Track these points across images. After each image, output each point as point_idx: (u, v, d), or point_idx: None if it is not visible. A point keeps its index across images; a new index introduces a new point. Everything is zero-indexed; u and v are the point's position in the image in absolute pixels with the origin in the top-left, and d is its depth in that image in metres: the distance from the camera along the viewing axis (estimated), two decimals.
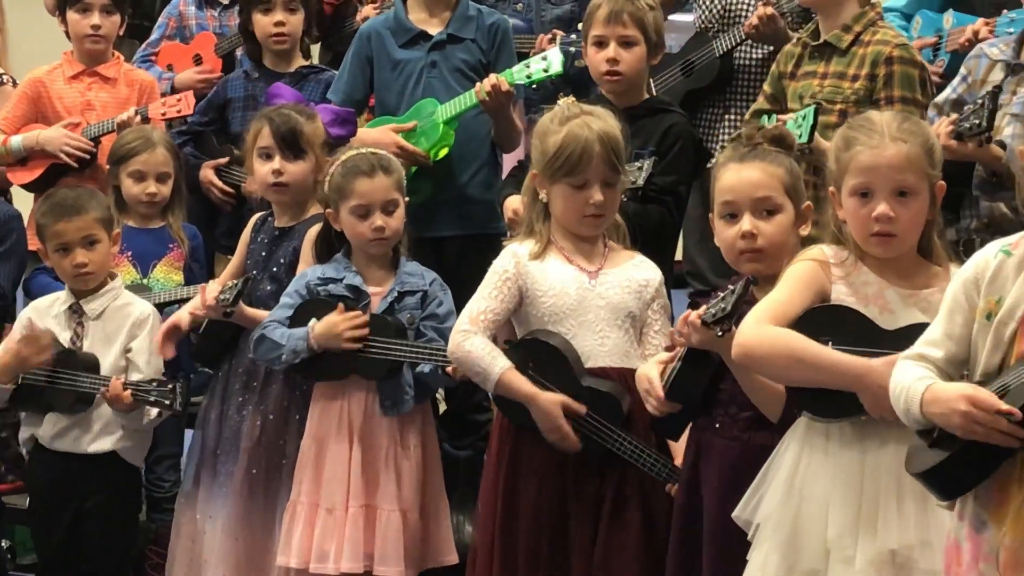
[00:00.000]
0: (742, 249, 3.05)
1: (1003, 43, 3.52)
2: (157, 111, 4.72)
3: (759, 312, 2.81)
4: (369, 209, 3.69)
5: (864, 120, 2.88)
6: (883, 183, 2.77)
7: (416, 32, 4.40)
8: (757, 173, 3.07)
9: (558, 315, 3.35)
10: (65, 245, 3.97)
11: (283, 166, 3.95)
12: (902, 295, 2.80)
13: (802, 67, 3.89)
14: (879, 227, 2.77)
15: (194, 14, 5.30)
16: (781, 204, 3.06)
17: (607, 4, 3.92)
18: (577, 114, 3.38)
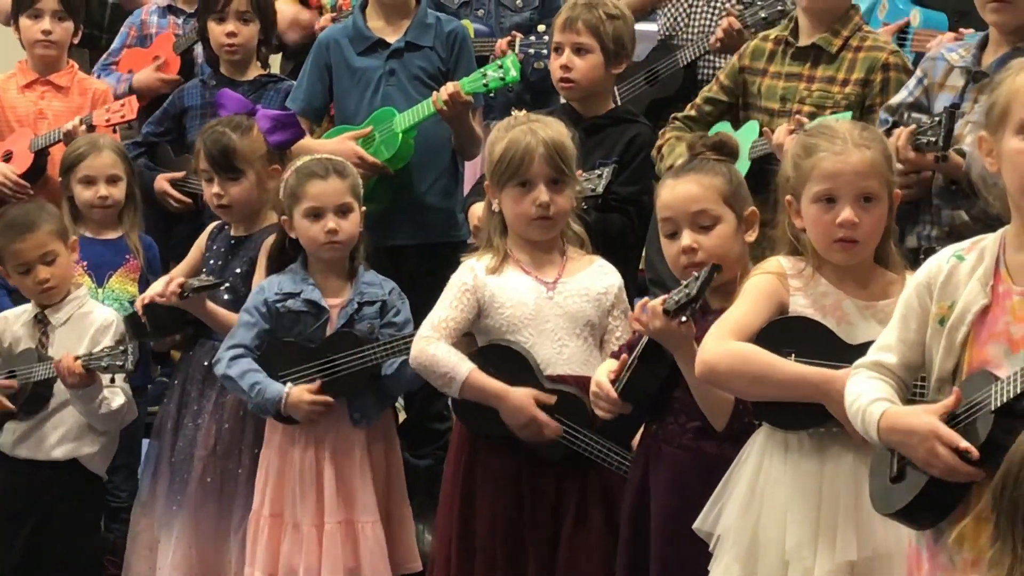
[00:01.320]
0: (685, 264, 3.12)
1: (963, 48, 3.55)
2: (101, 118, 4.74)
3: (720, 328, 2.86)
4: (322, 211, 3.74)
5: (824, 128, 2.94)
6: (848, 189, 2.82)
7: (374, 40, 4.45)
8: (692, 187, 3.13)
9: (516, 325, 3.42)
10: (25, 264, 4.02)
11: (222, 188, 4.01)
12: (859, 306, 2.85)
13: (777, 65, 3.90)
14: (843, 233, 2.81)
15: (156, 23, 5.33)
16: (719, 215, 3.12)
17: (565, 11, 4.02)
18: (524, 122, 3.47)
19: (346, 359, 3.68)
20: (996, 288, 2.45)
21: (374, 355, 3.68)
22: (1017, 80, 2.44)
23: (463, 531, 3.42)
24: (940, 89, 3.53)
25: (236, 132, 4.03)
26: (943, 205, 3.42)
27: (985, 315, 2.45)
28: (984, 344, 2.44)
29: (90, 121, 4.72)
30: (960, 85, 3.48)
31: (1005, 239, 2.48)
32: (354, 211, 3.78)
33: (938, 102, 3.51)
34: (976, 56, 3.48)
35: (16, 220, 4.05)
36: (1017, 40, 3.41)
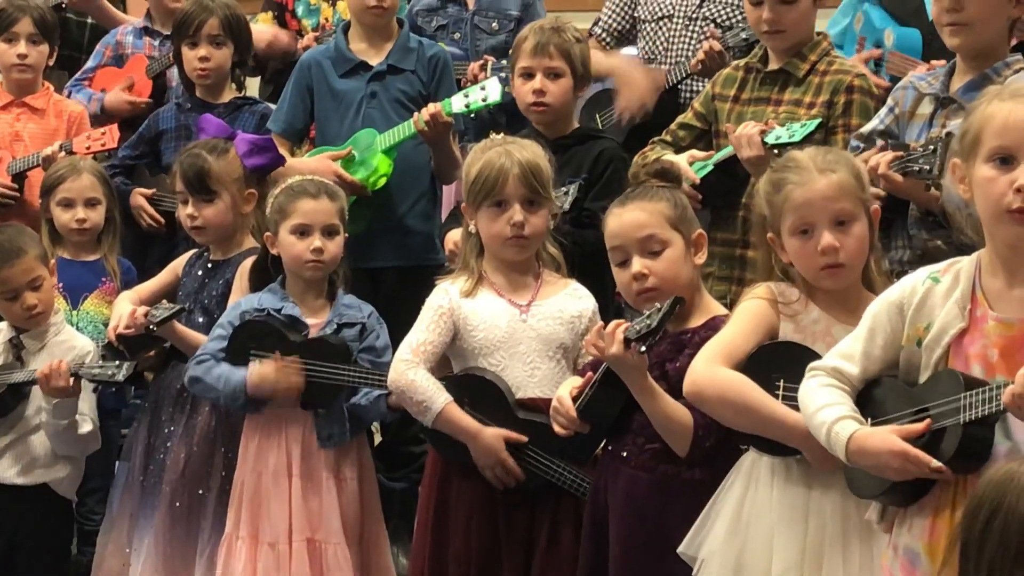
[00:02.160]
0: (637, 291, 3.18)
1: (932, 76, 3.60)
2: (82, 145, 4.76)
3: (710, 351, 2.90)
4: (309, 229, 3.79)
5: (787, 160, 3.00)
6: (821, 215, 2.87)
7: (356, 62, 4.50)
8: (638, 214, 3.20)
9: (488, 348, 3.47)
10: (13, 291, 4.04)
11: (196, 210, 4.06)
12: (850, 330, 2.85)
13: (748, 92, 3.96)
14: (826, 259, 2.86)
15: (132, 43, 5.34)
16: (667, 239, 3.19)
17: (533, 36, 4.07)
18: (500, 143, 3.53)
19: (321, 368, 3.71)
20: (973, 312, 2.50)
21: (349, 377, 3.71)
22: (988, 108, 2.50)
23: (437, 555, 3.47)
24: (911, 117, 3.57)
25: (212, 154, 4.08)
26: (917, 234, 3.47)
27: (962, 337, 2.51)
28: (962, 365, 2.49)
29: (70, 147, 4.75)
30: (929, 112, 3.52)
31: (980, 263, 2.53)
32: (339, 234, 3.83)
33: (909, 130, 3.56)
34: (944, 83, 3.52)
35: (2, 246, 4.06)
36: (982, 65, 3.46)
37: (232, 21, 4.73)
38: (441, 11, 5.00)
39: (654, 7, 4.78)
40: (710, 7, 4.67)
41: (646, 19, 4.80)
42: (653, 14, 4.77)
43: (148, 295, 4.18)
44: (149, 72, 5.18)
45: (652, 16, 4.77)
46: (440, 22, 4.98)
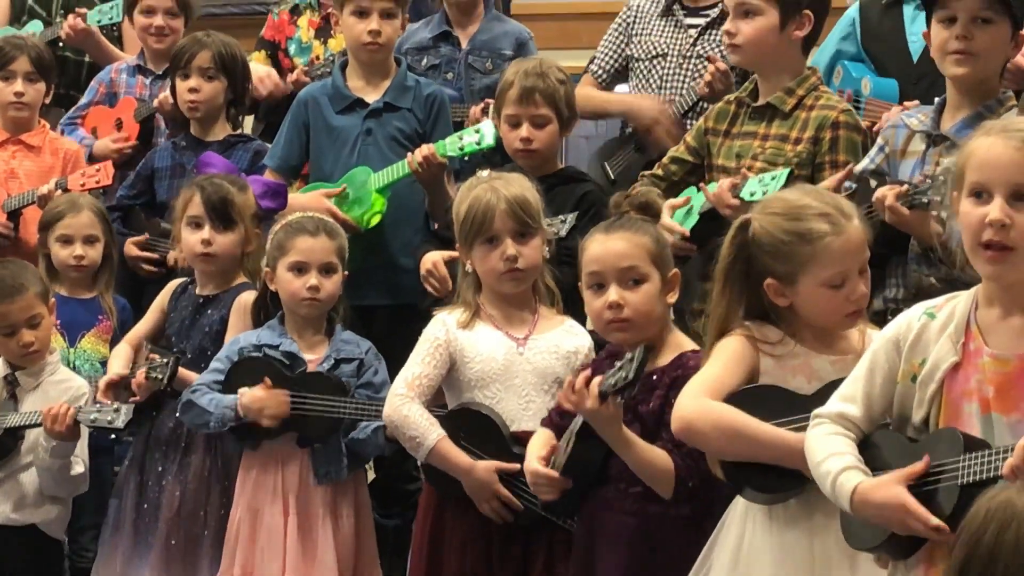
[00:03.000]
0: (609, 319, 3.20)
1: (922, 113, 3.64)
2: (76, 182, 4.80)
3: (694, 387, 2.91)
4: (307, 266, 3.83)
5: (803, 207, 2.93)
6: (854, 265, 2.90)
7: (353, 99, 4.54)
8: (622, 243, 3.22)
9: (484, 380, 3.51)
10: (11, 327, 4.07)
11: (212, 236, 4.08)
12: (831, 362, 2.91)
13: (738, 126, 3.99)
14: (856, 306, 2.90)
15: (125, 81, 5.37)
16: (647, 273, 3.22)
17: (518, 83, 4.11)
18: (486, 180, 3.58)
19: (317, 402, 3.75)
20: (967, 346, 2.53)
21: (345, 410, 3.74)
22: (973, 143, 2.55)
23: None
24: (903, 156, 3.61)
25: (234, 187, 4.14)
26: (918, 269, 3.49)
27: (956, 372, 2.52)
28: (957, 401, 2.52)
29: (65, 185, 4.79)
30: (921, 150, 3.56)
31: (977, 297, 2.57)
32: (337, 272, 3.88)
33: (901, 168, 3.59)
34: (935, 120, 3.56)
35: (3, 281, 4.09)
36: (974, 101, 3.51)
37: (226, 57, 4.75)
38: (433, 50, 5.02)
39: (648, 46, 4.82)
40: (704, 45, 4.71)
41: (639, 57, 4.83)
42: (647, 52, 4.81)
43: (144, 337, 4.23)
44: (136, 116, 5.22)
45: (646, 55, 4.81)
46: (432, 61, 5.00)
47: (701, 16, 4.77)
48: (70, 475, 4.01)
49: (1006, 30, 3.49)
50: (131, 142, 5.18)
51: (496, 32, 5.02)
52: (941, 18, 3.51)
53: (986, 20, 3.47)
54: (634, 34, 4.87)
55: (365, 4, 4.44)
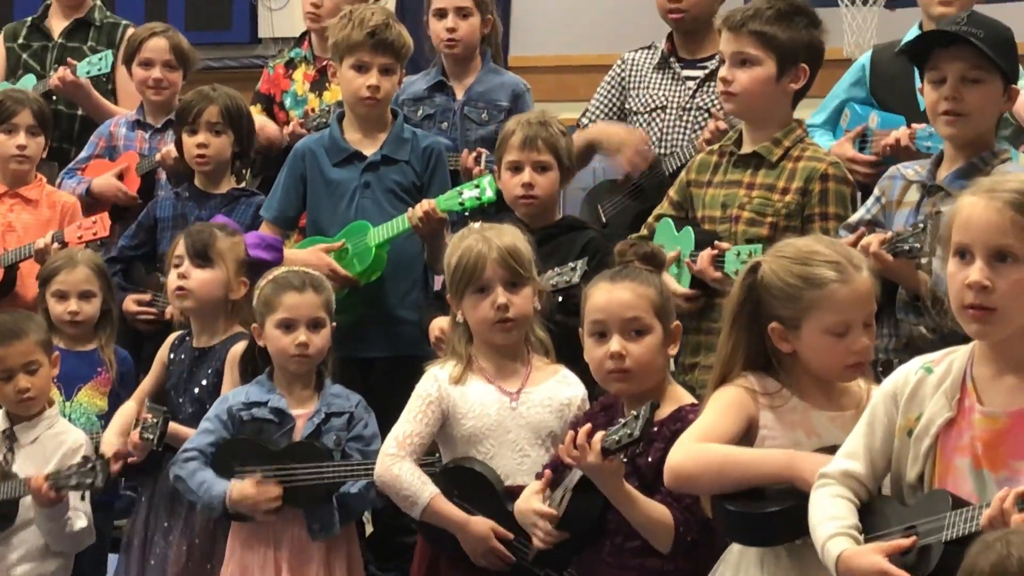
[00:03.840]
0: (610, 369, 3.21)
1: (918, 164, 3.67)
2: (73, 235, 4.83)
3: (686, 437, 2.93)
4: (294, 323, 3.85)
5: (812, 254, 2.95)
6: (859, 315, 2.91)
7: (351, 152, 4.56)
8: (627, 294, 3.24)
9: (478, 436, 3.53)
10: (8, 371, 4.09)
11: (188, 271, 4.13)
12: (829, 417, 2.92)
13: (721, 175, 4.00)
14: (858, 359, 2.91)
15: (124, 135, 5.40)
16: (650, 325, 3.23)
17: (521, 130, 4.16)
18: (477, 231, 3.62)
19: (306, 471, 3.76)
20: (962, 402, 2.56)
21: (335, 474, 3.76)
22: (959, 202, 2.58)
23: None
24: (898, 206, 3.64)
25: (222, 232, 4.19)
26: (905, 319, 3.51)
27: (951, 428, 2.55)
28: (950, 456, 2.54)
29: (61, 237, 4.82)
30: (916, 200, 3.59)
31: (973, 353, 2.59)
32: (325, 326, 3.89)
33: (896, 219, 3.62)
34: (931, 171, 3.60)
35: (4, 326, 4.13)
36: (970, 154, 3.55)
37: (232, 110, 4.80)
38: (428, 101, 5.05)
39: (646, 99, 4.85)
40: (703, 97, 4.75)
41: (638, 111, 4.87)
42: (645, 106, 4.85)
43: (148, 394, 4.25)
44: (139, 170, 5.24)
45: (644, 108, 4.85)
46: (427, 112, 5.03)
47: (698, 68, 4.82)
48: (73, 531, 4.01)
49: (997, 87, 3.52)
50: (132, 194, 5.21)
51: (492, 83, 5.05)
52: (932, 79, 3.55)
53: (975, 80, 3.50)
54: (630, 88, 4.91)
55: (365, 59, 4.48)
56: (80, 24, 5.91)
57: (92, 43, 5.84)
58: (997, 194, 2.52)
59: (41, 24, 5.97)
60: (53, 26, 5.94)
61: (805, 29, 3.92)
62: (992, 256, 2.50)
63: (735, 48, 3.90)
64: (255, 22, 8.72)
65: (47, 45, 5.90)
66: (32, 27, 5.98)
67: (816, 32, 3.96)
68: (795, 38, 3.89)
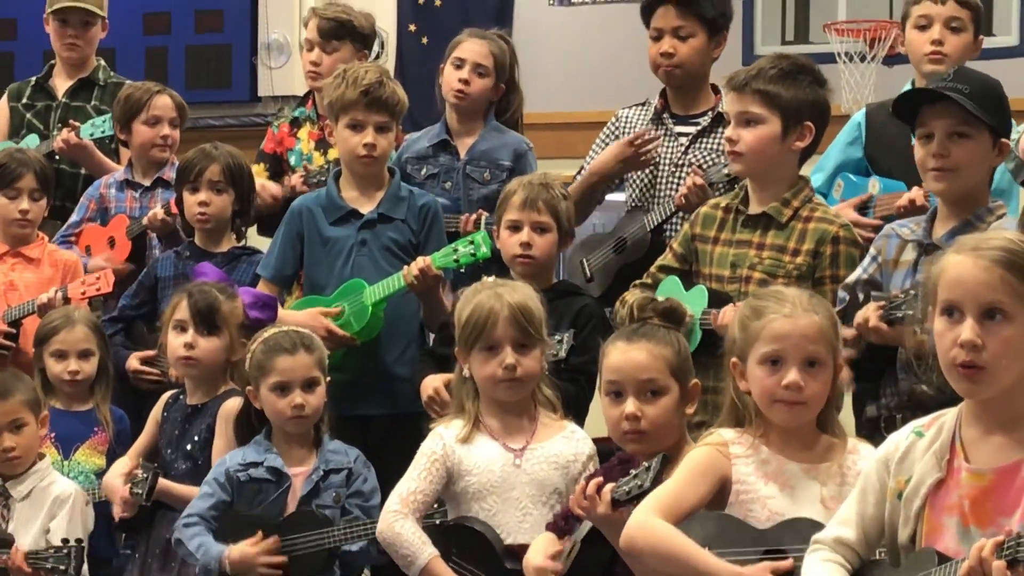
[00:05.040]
0: (626, 430, 3.24)
1: (913, 222, 3.69)
2: (77, 291, 4.85)
3: (651, 502, 2.96)
4: (289, 386, 3.88)
5: (773, 292, 3.09)
6: (795, 352, 2.96)
7: (347, 210, 4.57)
8: (643, 355, 3.26)
9: (482, 493, 3.56)
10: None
11: (195, 339, 4.17)
12: (804, 468, 2.96)
13: (727, 233, 4.01)
14: (788, 395, 2.94)
15: (114, 196, 5.42)
16: (666, 386, 3.25)
17: (522, 191, 4.18)
18: (490, 286, 3.64)
19: (306, 539, 3.78)
20: (951, 462, 2.58)
21: (336, 539, 3.78)
22: (945, 259, 2.60)
23: None
24: (895, 266, 3.65)
25: (223, 295, 4.22)
26: (906, 378, 3.51)
27: (939, 488, 2.57)
28: (939, 516, 2.57)
29: (65, 293, 4.84)
30: (912, 259, 3.61)
31: (962, 414, 2.62)
32: (320, 384, 3.92)
33: (894, 278, 3.64)
34: (927, 229, 3.61)
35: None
36: (963, 210, 3.57)
37: (234, 169, 4.82)
38: (432, 160, 5.06)
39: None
40: (695, 153, 4.76)
41: None
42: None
43: (141, 454, 4.28)
44: (128, 234, 5.26)
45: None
46: (431, 171, 5.04)
47: (691, 124, 4.83)
48: None
49: (985, 142, 3.54)
50: (123, 264, 5.23)
51: (495, 142, 5.06)
52: (920, 135, 3.58)
53: (963, 135, 3.52)
54: None
55: (360, 118, 4.50)
56: (84, 84, 5.95)
57: (96, 103, 5.90)
58: (984, 252, 2.54)
59: (45, 84, 6.01)
60: (57, 86, 5.99)
61: (809, 87, 3.94)
62: (982, 314, 2.53)
63: (740, 108, 3.92)
64: (255, 81, 8.82)
65: (51, 105, 5.95)
66: (36, 87, 6.03)
67: (821, 90, 3.98)
68: (799, 96, 3.91)
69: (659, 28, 4.83)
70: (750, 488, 2.96)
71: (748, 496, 2.96)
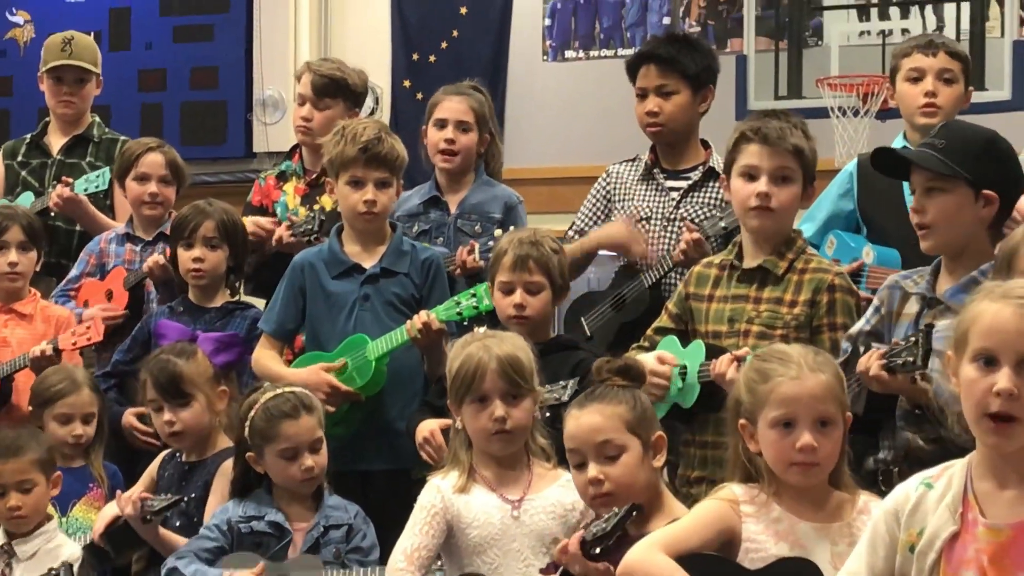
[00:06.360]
0: (593, 495, 3.27)
1: (917, 275, 3.70)
2: (67, 341, 4.86)
3: (654, 538, 2.99)
4: (297, 451, 3.89)
5: (778, 353, 3.11)
6: (806, 413, 2.98)
7: (350, 264, 4.59)
8: (596, 417, 3.29)
9: (483, 546, 3.57)
10: (1, 487, 4.13)
11: (174, 416, 4.19)
12: (815, 528, 2.98)
13: (723, 289, 4.03)
14: (802, 458, 2.96)
15: (114, 251, 5.43)
16: (624, 444, 3.28)
17: (512, 250, 4.19)
18: (480, 338, 3.66)
19: None
20: (965, 515, 2.58)
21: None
22: (979, 306, 2.58)
23: None
24: (898, 318, 3.66)
25: (181, 358, 4.23)
26: (906, 428, 3.53)
27: (954, 541, 2.57)
28: (955, 570, 2.57)
29: (56, 344, 4.85)
30: (915, 312, 3.61)
31: (971, 466, 2.62)
32: (323, 442, 3.94)
33: (897, 330, 3.64)
34: (930, 283, 3.62)
35: (3, 441, 4.18)
36: (966, 265, 3.57)
37: (228, 225, 4.85)
38: (423, 216, 5.10)
39: (631, 210, 4.90)
40: (687, 207, 4.80)
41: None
42: (631, 217, 4.90)
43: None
44: (126, 284, 5.27)
45: (629, 219, 4.90)
46: (422, 227, 5.07)
47: (682, 179, 4.87)
48: None
49: (963, 195, 3.55)
50: (120, 311, 5.23)
51: (486, 196, 5.09)
52: (910, 190, 3.63)
53: (937, 189, 3.55)
54: (616, 200, 4.97)
55: (360, 174, 4.52)
56: (79, 140, 5.98)
57: (91, 159, 5.93)
58: (1017, 299, 2.53)
59: (40, 141, 6.03)
60: (52, 143, 6.01)
61: None
62: (1018, 363, 2.51)
63: (779, 163, 3.92)
64: (250, 137, 8.89)
65: (46, 162, 5.97)
66: (31, 144, 6.05)
67: None
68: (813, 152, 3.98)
69: (643, 87, 4.89)
70: (760, 547, 2.98)
71: (759, 555, 2.98)
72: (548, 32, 8.78)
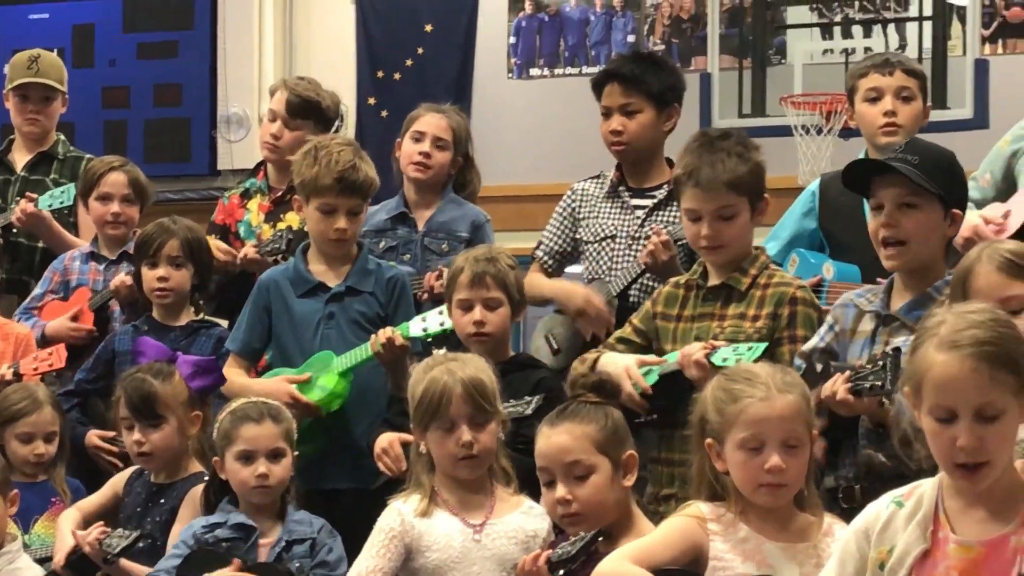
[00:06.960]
0: (561, 515, 3.29)
1: (871, 293, 3.72)
2: (29, 367, 4.85)
3: (623, 551, 3.01)
4: (253, 455, 3.89)
5: (745, 372, 3.12)
6: (774, 435, 3.00)
7: (315, 283, 4.60)
8: (565, 437, 3.31)
9: (442, 569, 3.57)
10: None
11: (144, 436, 4.16)
12: (781, 548, 3.01)
13: (690, 309, 4.02)
14: (771, 479, 2.98)
15: (78, 268, 5.42)
16: (593, 464, 3.30)
17: (469, 268, 4.19)
18: (442, 361, 3.67)
19: None
20: (936, 533, 2.61)
21: None
22: (929, 356, 2.59)
23: None
24: (852, 335, 3.67)
25: (157, 378, 4.19)
26: (868, 446, 3.54)
27: (925, 559, 2.60)
28: None
29: (17, 369, 4.84)
30: (870, 329, 3.63)
31: (942, 485, 2.65)
32: (286, 455, 3.94)
33: (851, 348, 3.66)
34: (884, 300, 3.64)
35: None
36: (921, 282, 3.60)
37: (193, 243, 4.84)
38: (390, 233, 5.10)
39: (596, 228, 4.92)
40: (652, 226, 4.79)
41: (588, 240, 4.94)
42: (595, 235, 4.91)
43: (90, 513, 4.28)
44: (91, 306, 5.26)
45: (594, 237, 4.92)
46: (389, 244, 5.07)
47: (647, 197, 4.89)
48: None
49: (935, 212, 3.57)
50: (87, 327, 5.22)
51: (453, 214, 5.10)
52: (872, 206, 3.64)
53: (911, 205, 3.56)
54: (581, 218, 4.99)
55: (332, 202, 4.53)
56: (43, 157, 5.97)
57: (55, 176, 5.92)
58: (965, 348, 2.54)
59: (4, 158, 6.02)
60: (16, 160, 6.00)
61: None
62: (976, 415, 2.54)
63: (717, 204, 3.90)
64: (214, 154, 8.89)
65: (9, 179, 5.95)
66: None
67: None
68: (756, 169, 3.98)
69: (607, 106, 4.92)
70: (727, 565, 3.01)
71: (725, 574, 3.00)
72: (513, 50, 8.84)
